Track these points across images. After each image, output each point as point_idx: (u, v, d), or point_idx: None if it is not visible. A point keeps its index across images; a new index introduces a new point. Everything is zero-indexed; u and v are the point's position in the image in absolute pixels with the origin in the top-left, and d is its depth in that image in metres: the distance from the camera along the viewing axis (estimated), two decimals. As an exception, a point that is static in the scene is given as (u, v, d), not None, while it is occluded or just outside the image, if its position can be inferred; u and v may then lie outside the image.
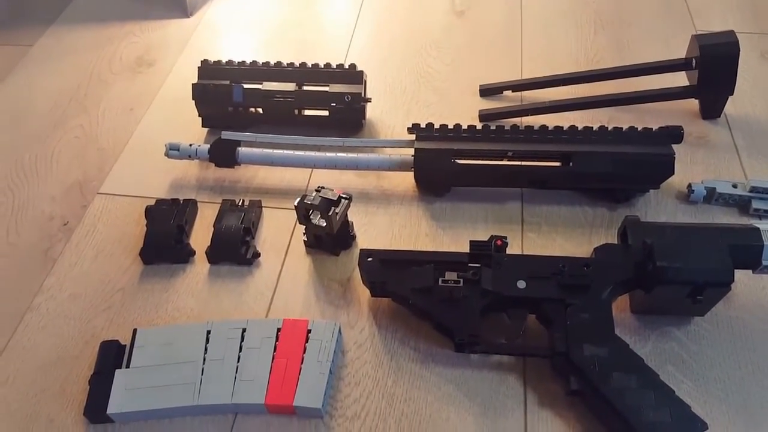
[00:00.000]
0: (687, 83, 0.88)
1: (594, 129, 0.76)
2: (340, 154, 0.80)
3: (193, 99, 0.85)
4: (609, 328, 0.61)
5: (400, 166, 0.79)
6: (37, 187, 0.85)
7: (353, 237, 0.76)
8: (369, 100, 0.86)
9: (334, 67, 0.86)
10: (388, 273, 0.65)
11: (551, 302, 0.62)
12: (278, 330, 0.65)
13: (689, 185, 0.78)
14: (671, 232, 0.65)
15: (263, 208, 0.80)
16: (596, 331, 0.60)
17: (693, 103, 0.90)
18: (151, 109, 0.95)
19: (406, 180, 0.82)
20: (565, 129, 0.76)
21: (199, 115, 0.88)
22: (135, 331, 0.65)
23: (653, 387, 0.57)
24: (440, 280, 0.62)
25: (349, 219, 0.75)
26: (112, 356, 0.64)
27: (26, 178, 0.86)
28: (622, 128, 0.77)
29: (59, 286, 0.73)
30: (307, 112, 0.88)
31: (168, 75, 1.00)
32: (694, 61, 0.85)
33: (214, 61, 0.87)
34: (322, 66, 0.86)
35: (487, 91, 0.93)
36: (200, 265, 0.74)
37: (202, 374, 0.62)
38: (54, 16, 1.13)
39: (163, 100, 0.96)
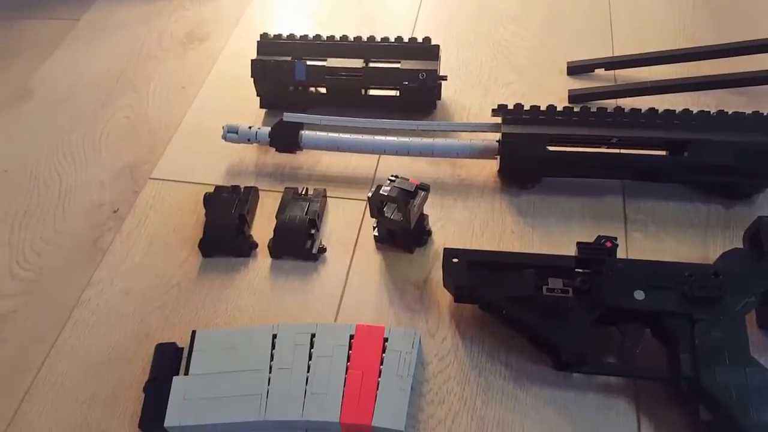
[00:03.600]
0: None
1: (712, 113, 0.66)
2: (414, 139, 0.72)
3: (251, 76, 0.78)
4: (744, 348, 0.52)
5: (482, 153, 0.70)
6: (84, 171, 0.79)
7: (429, 233, 0.68)
8: (445, 78, 0.78)
9: (406, 41, 0.77)
10: (477, 277, 0.57)
11: (675, 317, 0.52)
12: (351, 337, 0.57)
13: (817, 180, 0.68)
14: (815, 236, 0.55)
15: (328, 198, 0.72)
16: (730, 352, 0.51)
17: (813, 86, 0.78)
18: (204, 87, 0.88)
19: (486, 168, 0.73)
20: (677, 112, 0.66)
21: (258, 95, 0.80)
22: (194, 333, 0.59)
23: (803, 423, 0.48)
24: (544, 288, 0.54)
25: (425, 212, 0.67)
26: (169, 361, 0.58)
27: (73, 161, 0.80)
28: (744, 113, 0.66)
29: (110, 280, 0.67)
30: (375, 92, 0.80)
31: (221, 51, 0.93)
32: (821, 35, 0.74)
33: (273, 35, 0.80)
34: (392, 40, 0.78)
35: (576, 69, 0.83)
36: (262, 259, 0.67)
37: (268, 385, 0.55)
38: (101, -11, 1.07)
39: (217, 77, 0.89)
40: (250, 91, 0.81)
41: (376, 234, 0.68)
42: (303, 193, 0.71)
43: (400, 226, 0.64)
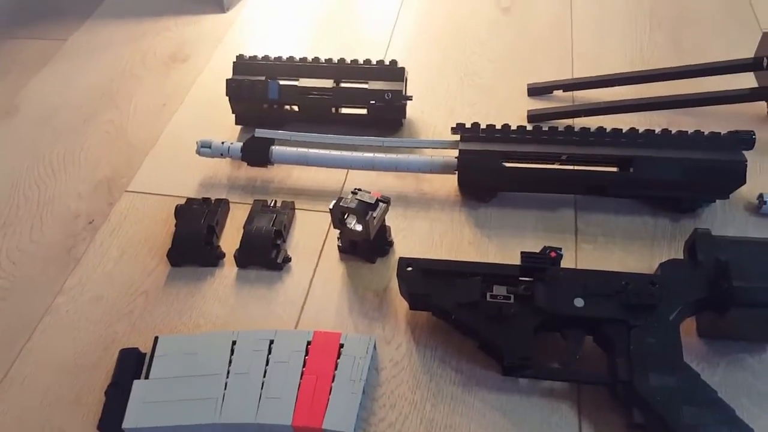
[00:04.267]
0: (754, 85, 0.80)
1: (657, 132, 0.70)
2: (378, 155, 0.75)
3: (227, 95, 0.82)
4: (677, 354, 0.54)
5: (442, 168, 0.73)
6: (64, 184, 0.82)
7: (390, 243, 0.71)
8: (410, 98, 0.81)
9: (374, 63, 0.81)
10: (429, 285, 0.60)
11: (613, 323, 0.55)
12: (308, 343, 0.60)
13: (760, 196, 0.71)
14: (747, 247, 0.58)
15: (296, 210, 0.75)
16: (663, 357, 0.54)
17: (760, 107, 0.82)
18: (183, 105, 0.92)
19: (447, 183, 0.76)
20: (624, 131, 0.70)
21: (233, 112, 0.84)
22: (156, 338, 0.61)
23: (730, 424, 0.50)
24: (488, 294, 0.57)
25: (387, 224, 0.70)
26: (132, 365, 0.60)
27: (54, 173, 0.83)
28: (687, 132, 0.70)
29: (81, 288, 0.70)
30: (345, 111, 0.83)
31: (202, 71, 0.97)
32: (765, 60, 0.77)
33: (249, 57, 0.83)
34: (361, 62, 0.81)
35: (535, 91, 0.87)
36: (229, 269, 0.70)
37: (225, 389, 0.57)
38: (90, 11, 1.11)
39: (196, 96, 0.93)
40: (227, 109, 0.84)
41: (340, 244, 0.70)
42: (272, 205, 0.74)
43: (361, 237, 0.67)
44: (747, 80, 0.80)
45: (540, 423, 0.56)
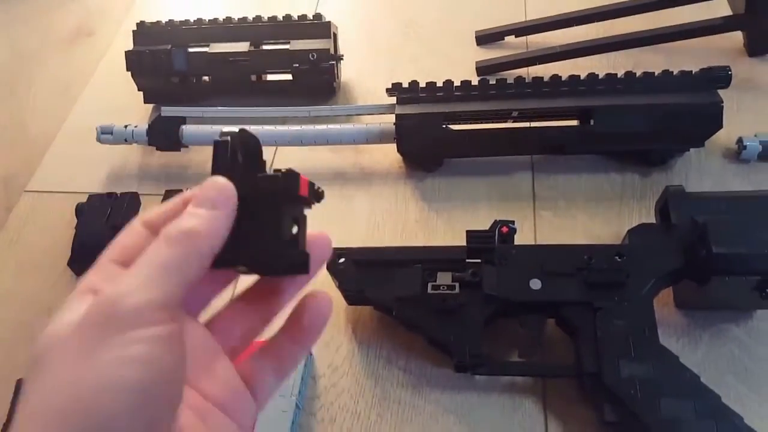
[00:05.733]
0: (728, 13, 0.71)
1: (619, 76, 0.61)
2: (305, 127, 0.65)
3: (127, 70, 0.71)
4: (652, 336, 0.47)
5: (380, 137, 0.64)
6: (-46, 189, 0.71)
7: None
8: (341, 58, 0.71)
9: (295, 18, 0.71)
10: (364, 278, 0.51)
11: (575, 306, 0.47)
12: (232, 355, 0.52)
13: (739, 139, 0.63)
14: (728, 205, 0.50)
15: (218, 199, 0.66)
16: (636, 342, 0.46)
17: (735, 39, 0.73)
18: (89, 87, 0.80)
19: (389, 154, 0.67)
20: (582, 78, 0.61)
21: (139, 89, 0.73)
22: (57, 364, 0.53)
23: (716, 416, 0.43)
24: (430, 285, 0.48)
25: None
26: (30, 398, 0.51)
27: (-57, 177, 0.73)
28: (653, 73, 0.61)
29: (-25, 310, 0.61)
30: (270, 78, 0.73)
31: (109, 46, 0.86)
32: (740, -18, 0.68)
33: (151, 23, 0.72)
34: (281, 18, 0.71)
35: (485, 38, 0.77)
36: (141, 274, 0.61)
37: (135, 419, 0.49)
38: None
39: (103, 75, 0.82)
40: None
41: (268, 235, 0.62)
42: (189, 195, 0.64)
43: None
44: (721, 9, 0.71)
45: (501, 424, 0.49)
